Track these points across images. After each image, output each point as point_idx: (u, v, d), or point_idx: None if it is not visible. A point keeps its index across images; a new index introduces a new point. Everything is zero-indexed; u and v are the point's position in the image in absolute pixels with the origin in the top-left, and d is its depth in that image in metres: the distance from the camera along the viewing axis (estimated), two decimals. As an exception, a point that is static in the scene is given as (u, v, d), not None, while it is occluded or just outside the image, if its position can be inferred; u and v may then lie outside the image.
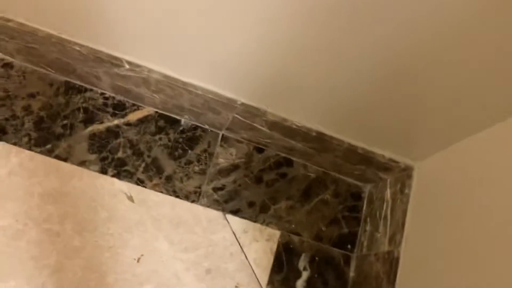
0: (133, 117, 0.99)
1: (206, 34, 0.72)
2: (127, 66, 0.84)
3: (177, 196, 0.96)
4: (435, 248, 0.77)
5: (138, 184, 0.95)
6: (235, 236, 0.97)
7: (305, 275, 0.98)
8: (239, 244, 0.97)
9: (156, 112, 1.01)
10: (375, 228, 0.96)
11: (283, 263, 0.98)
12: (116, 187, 0.94)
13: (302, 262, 0.99)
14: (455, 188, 0.77)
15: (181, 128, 1.01)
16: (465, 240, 0.69)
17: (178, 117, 1.01)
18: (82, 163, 0.94)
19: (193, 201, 0.97)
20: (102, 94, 0.99)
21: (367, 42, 0.63)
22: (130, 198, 0.94)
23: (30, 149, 0.92)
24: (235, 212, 0.99)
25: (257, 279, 0.95)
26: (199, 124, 1.02)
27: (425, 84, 0.69)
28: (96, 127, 0.97)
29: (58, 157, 0.93)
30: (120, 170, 0.95)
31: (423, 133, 0.83)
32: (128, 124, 0.98)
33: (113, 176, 0.94)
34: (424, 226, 0.82)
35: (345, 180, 1.06)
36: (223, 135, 1.03)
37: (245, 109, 0.88)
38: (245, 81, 0.82)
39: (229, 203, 0.99)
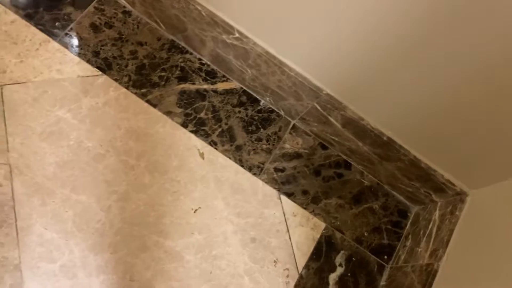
0: (221, 86, 1.08)
1: (309, 17, 0.80)
2: (236, 35, 0.94)
3: (242, 166, 1.04)
4: (475, 268, 0.81)
5: (211, 145, 1.03)
6: (284, 216, 1.03)
7: (339, 270, 1.02)
8: (286, 224, 1.02)
9: (242, 87, 1.09)
10: (416, 244, 1.01)
11: (322, 253, 1.03)
12: (191, 142, 1.02)
13: (339, 259, 1.03)
14: (506, 220, 0.82)
15: (259, 108, 1.09)
16: (506, 270, 0.73)
17: (259, 97, 1.09)
18: (168, 113, 1.03)
19: (254, 174, 1.04)
20: (199, 59, 1.09)
21: (461, 65, 0.70)
22: (201, 155, 1.02)
23: (127, 88, 1.02)
24: (289, 195, 1.05)
25: (295, 260, 1.00)
26: (275, 109, 1.10)
27: (504, 117, 0.75)
28: (187, 86, 1.06)
29: (149, 102, 1.02)
30: (199, 129, 1.04)
31: (486, 163, 0.88)
32: (215, 91, 1.08)
33: (191, 131, 1.03)
34: (469, 247, 0.86)
35: (396, 196, 1.11)
36: (294, 124, 1.10)
37: (327, 99, 0.96)
38: (334, 72, 0.90)
39: (285, 185, 1.05)
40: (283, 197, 1.04)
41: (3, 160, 0.90)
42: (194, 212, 0.98)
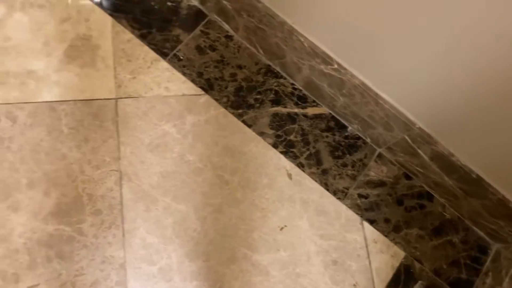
0: (311, 111, 1.14)
1: (409, 53, 0.84)
2: (335, 66, 0.99)
3: (327, 189, 1.08)
4: None
5: (298, 167, 1.08)
6: (366, 242, 1.06)
7: (416, 300, 1.04)
8: (367, 250, 1.06)
9: (330, 113, 1.14)
10: (498, 283, 1.01)
11: (400, 282, 1.05)
12: (281, 163, 1.08)
13: (417, 288, 1.05)
14: None
15: (346, 134, 1.14)
16: None
17: (347, 124, 1.14)
18: (261, 133, 1.09)
19: (338, 198, 1.08)
20: (292, 84, 1.15)
21: None
22: (289, 176, 1.07)
23: (226, 108, 1.09)
24: (371, 222, 1.08)
25: (374, 286, 1.03)
26: (362, 136, 1.13)
27: None
28: (279, 109, 1.12)
29: (244, 122, 1.09)
30: (288, 150, 1.09)
31: None
32: (305, 115, 1.13)
33: (281, 152, 1.09)
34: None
35: (476, 232, 1.12)
36: (380, 152, 1.13)
37: (419, 133, 0.98)
38: (429, 108, 0.93)
39: (368, 212, 1.09)
40: (365, 223, 1.08)
41: (115, 166, 0.99)
42: (281, 229, 1.03)
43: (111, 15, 1.10)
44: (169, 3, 1.14)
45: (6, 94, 0.99)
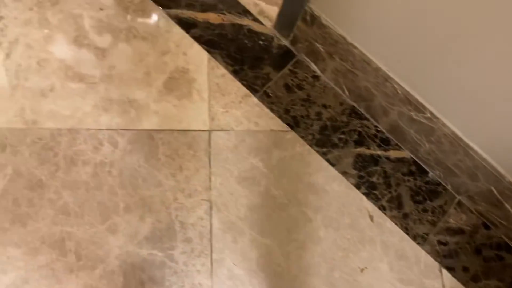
0: (393, 154, 1.16)
1: (504, 107, 0.85)
2: (427, 115, 1.01)
3: (407, 233, 1.09)
4: None
5: (380, 209, 1.10)
6: (444, 289, 1.06)
7: None
8: (446, 298, 1.06)
9: (412, 157, 1.16)
10: None
11: (478, 334, 1.04)
12: (363, 204, 1.10)
13: None
14: None
15: (427, 179, 1.15)
16: None
17: (428, 169, 1.15)
18: (344, 173, 1.12)
19: (418, 243, 1.09)
20: (375, 126, 1.17)
21: None
22: (371, 217, 1.09)
23: (311, 146, 1.13)
24: (449, 269, 1.08)
25: (452, 336, 1.03)
26: (443, 182, 1.14)
27: None
28: (363, 150, 1.15)
29: (328, 161, 1.12)
30: (370, 192, 1.11)
31: None
32: (387, 158, 1.15)
33: (363, 193, 1.11)
34: None
35: (556, 288, 1.10)
36: (459, 200, 1.14)
37: (508, 187, 0.99)
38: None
39: (447, 259, 1.09)
40: (444, 271, 1.08)
41: (206, 196, 1.03)
42: (361, 271, 1.04)
43: (207, 50, 1.15)
44: (260, 42, 1.19)
45: (109, 120, 1.05)
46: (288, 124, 1.14)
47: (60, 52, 1.09)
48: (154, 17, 1.16)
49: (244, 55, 1.17)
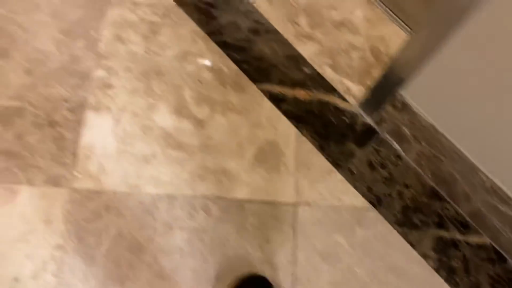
0: (472, 239, 1.17)
1: None
2: (515, 207, 1.03)
3: (487, 322, 1.09)
4: None
5: (459, 295, 1.11)
6: None
7: None
8: None
9: (491, 244, 1.17)
10: None
11: None
12: (442, 288, 1.11)
13: None
14: None
15: (505, 267, 1.15)
16: None
17: (508, 257, 1.15)
18: (424, 255, 1.13)
19: (498, 334, 1.08)
20: (455, 209, 1.19)
21: None
22: (451, 303, 1.10)
23: (392, 225, 1.15)
24: None
25: None
26: (523, 272, 1.14)
27: None
28: (442, 233, 1.16)
29: (409, 241, 1.14)
30: (450, 276, 1.12)
31: None
32: (467, 243, 1.16)
33: (443, 277, 1.12)
34: None
35: None
36: (540, 292, 1.13)
37: None
38: None
39: None
40: None
41: (291, 270, 1.07)
42: None
43: (295, 125, 1.22)
44: (345, 118, 1.25)
45: (204, 188, 1.12)
46: (370, 202, 1.17)
47: (162, 120, 1.17)
48: (248, 92, 1.23)
49: (330, 131, 1.23)
